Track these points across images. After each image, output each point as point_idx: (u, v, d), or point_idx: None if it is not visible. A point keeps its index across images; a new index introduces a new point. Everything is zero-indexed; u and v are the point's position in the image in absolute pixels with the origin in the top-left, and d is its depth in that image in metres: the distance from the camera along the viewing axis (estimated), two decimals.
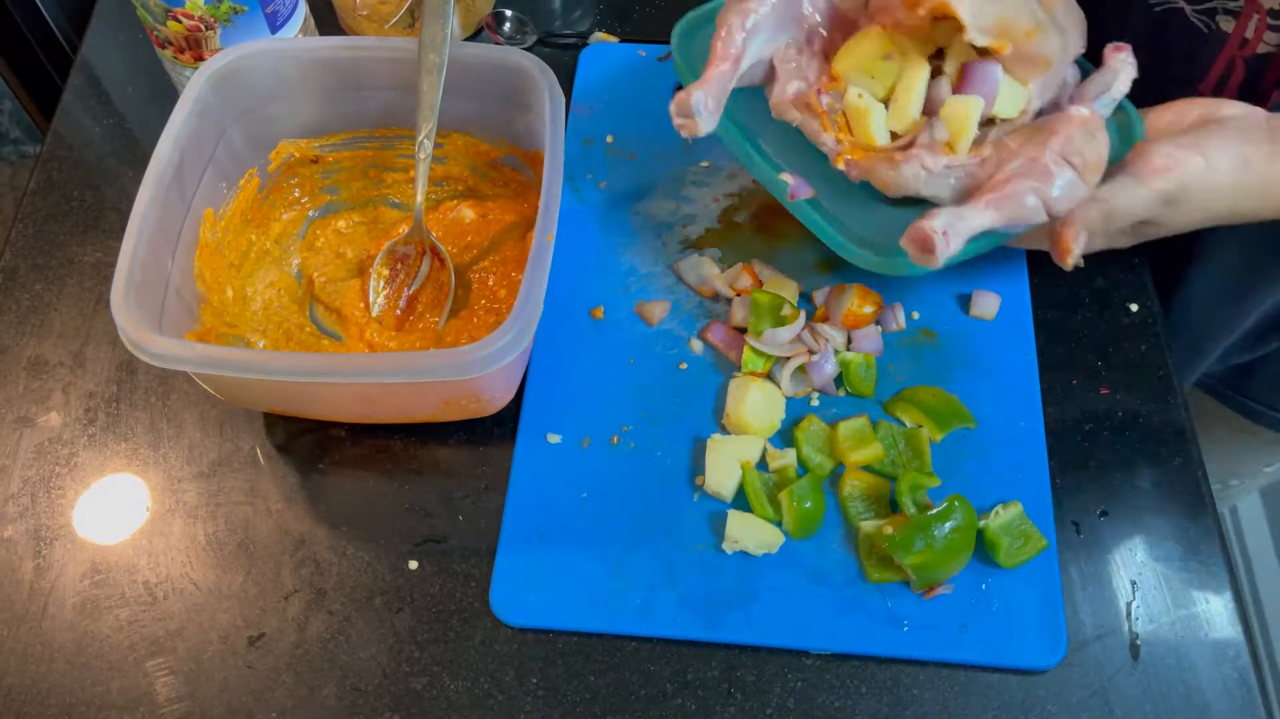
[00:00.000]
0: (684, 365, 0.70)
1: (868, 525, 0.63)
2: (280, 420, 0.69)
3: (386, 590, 0.63)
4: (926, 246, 0.57)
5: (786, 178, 0.65)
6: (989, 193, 0.59)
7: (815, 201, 0.65)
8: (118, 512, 0.66)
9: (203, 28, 0.72)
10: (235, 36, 0.73)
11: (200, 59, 0.74)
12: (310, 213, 0.76)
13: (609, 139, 0.80)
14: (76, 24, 1.12)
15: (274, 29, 0.74)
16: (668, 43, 0.86)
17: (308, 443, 0.68)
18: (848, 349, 0.69)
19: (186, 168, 0.65)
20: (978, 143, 0.62)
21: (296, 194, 0.75)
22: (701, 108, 0.62)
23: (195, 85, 0.66)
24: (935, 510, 0.61)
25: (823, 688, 0.60)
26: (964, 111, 0.61)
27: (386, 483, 0.67)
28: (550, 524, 0.64)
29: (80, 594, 0.63)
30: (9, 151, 1.38)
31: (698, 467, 0.66)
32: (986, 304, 0.71)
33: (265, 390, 0.64)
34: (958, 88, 0.62)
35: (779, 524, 0.63)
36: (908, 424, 0.67)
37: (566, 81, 0.68)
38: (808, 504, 0.63)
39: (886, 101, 0.64)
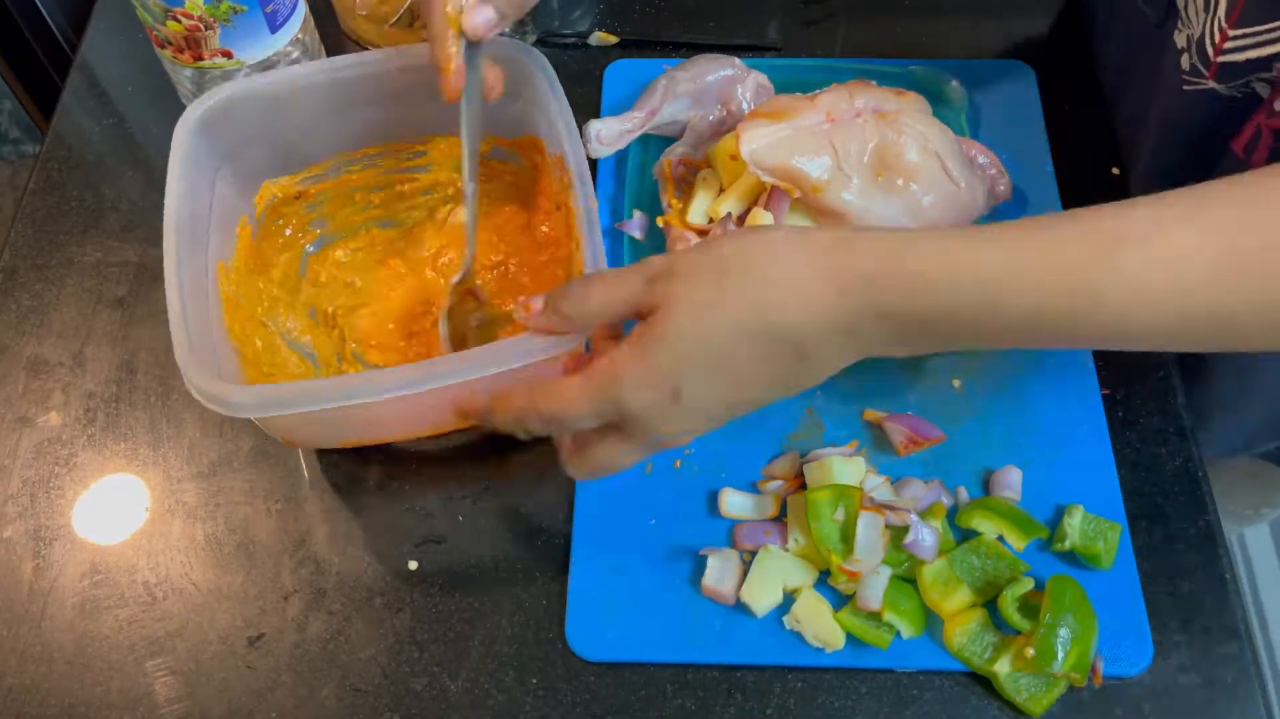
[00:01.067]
0: None
1: (1003, 666, 0.58)
2: None
3: (386, 590, 0.63)
4: None
5: (635, 213, 0.74)
6: None
7: (640, 245, 0.73)
8: (117, 512, 0.66)
9: (202, 28, 0.72)
10: (235, 36, 0.73)
11: (200, 59, 0.74)
12: (307, 247, 0.74)
13: (641, 156, 0.79)
14: (76, 24, 1.12)
15: (274, 29, 0.74)
16: (668, 44, 0.87)
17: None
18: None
19: (195, 222, 0.64)
20: None
21: (288, 233, 0.74)
22: (594, 137, 0.74)
23: (179, 138, 0.64)
24: (1050, 607, 0.57)
25: (823, 688, 0.60)
26: (751, 220, 0.68)
27: (386, 482, 0.67)
28: (620, 554, 0.63)
29: (80, 594, 0.63)
30: (8, 151, 1.37)
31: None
32: (1010, 480, 0.65)
33: (346, 420, 0.62)
34: (765, 204, 0.68)
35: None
36: (988, 534, 0.62)
37: (566, 82, 0.68)
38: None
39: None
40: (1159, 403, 0.69)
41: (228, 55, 0.74)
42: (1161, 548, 0.64)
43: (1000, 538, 0.62)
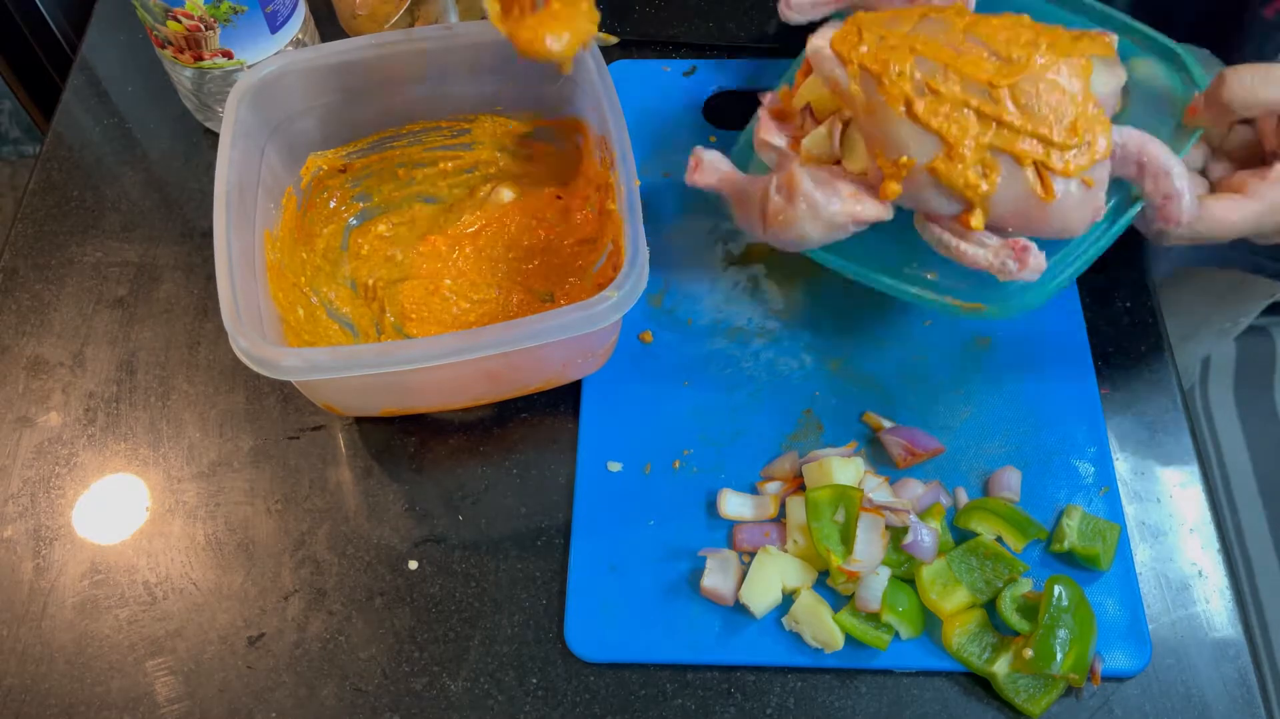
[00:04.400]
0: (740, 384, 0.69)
1: (1001, 667, 0.58)
2: (279, 420, 0.69)
3: (386, 590, 0.63)
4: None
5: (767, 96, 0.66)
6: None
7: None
8: (117, 512, 0.66)
9: (202, 28, 0.72)
10: (235, 36, 0.73)
11: (200, 59, 0.74)
12: (350, 220, 0.75)
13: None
14: (76, 24, 1.12)
15: (274, 29, 0.74)
16: (669, 43, 0.87)
17: (306, 443, 0.68)
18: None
19: (245, 191, 0.64)
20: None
21: (332, 206, 0.75)
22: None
23: (232, 108, 0.65)
24: (1049, 608, 0.58)
25: (822, 688, 0.60)
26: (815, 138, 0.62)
27: (386, 483, 0.67)
28: (619, 554, 0.63)
29: (80, 594, 0.64)
30: (9, 151, 1.38)
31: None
32: (1009, 481, 0.65)
33: (386, 388, 0.64)
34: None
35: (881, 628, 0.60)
36: (987, 535, 0.62)
37: None
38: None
39: None
40: (1159, 403, 0.69)
41: (228, 55, 0.74)
42: (1161, 548, 0.64)
43: (999, 539, 0.62)
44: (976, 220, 0.58)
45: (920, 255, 0.63)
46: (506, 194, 0.76)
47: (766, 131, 0.63)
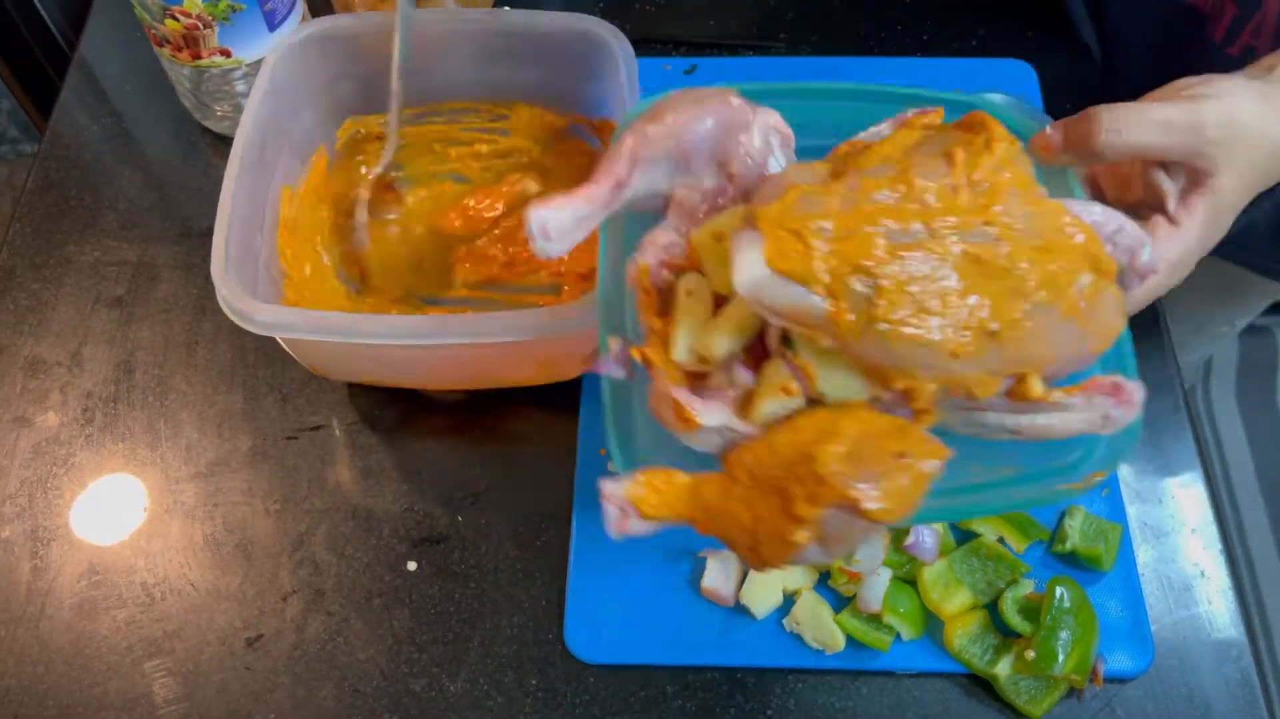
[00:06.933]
0: None
1: (1003, 668, 0.58)
2: (278, 421, 0.69)
3: (385, 591, 0.63)
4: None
5: (611, 342, 0.49)
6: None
7: (627, 387, 0.51)
8: (115, 512, 0.66)
9: (200, 26, 0.72)
10: (233, 35, 0.73)
11: (198, 57, 0.74)
12: None
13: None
14: (75, 23, 1.12)
15: (272, 27, 0.74)
16: (669, 41, 0.86)
17: (305, 443, 0.68)
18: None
19: (267, 146, 0.65)
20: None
21: (364, 170, 0.75)
22: (539, 232, 0.46)
23: (269, 64, 0.66)
24: (1051, 610, 0.57)
25: (823, 689, 0.60)
26: (771, 371, 0.45)
27: (385, 483, 0.67)
28: (619, 555, 0.63)
29: (78, 595, 0.63)
30: (6, 150, 1.37)
31: None
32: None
33: (362, 357, 0.64)
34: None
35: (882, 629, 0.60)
36: (988, 536, 0.62)
37: None
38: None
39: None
40: (1160, 403, 0.69)
41: (226, 54, 0.74)
42: (1163, 549, 0.64)
43: (1001, 540, 0.62)
44: (1035, 387, 0.45)
45: (972, 452, 0.49)
46: (531, 187, 0.76)
47: (679, 398, 0.46)
